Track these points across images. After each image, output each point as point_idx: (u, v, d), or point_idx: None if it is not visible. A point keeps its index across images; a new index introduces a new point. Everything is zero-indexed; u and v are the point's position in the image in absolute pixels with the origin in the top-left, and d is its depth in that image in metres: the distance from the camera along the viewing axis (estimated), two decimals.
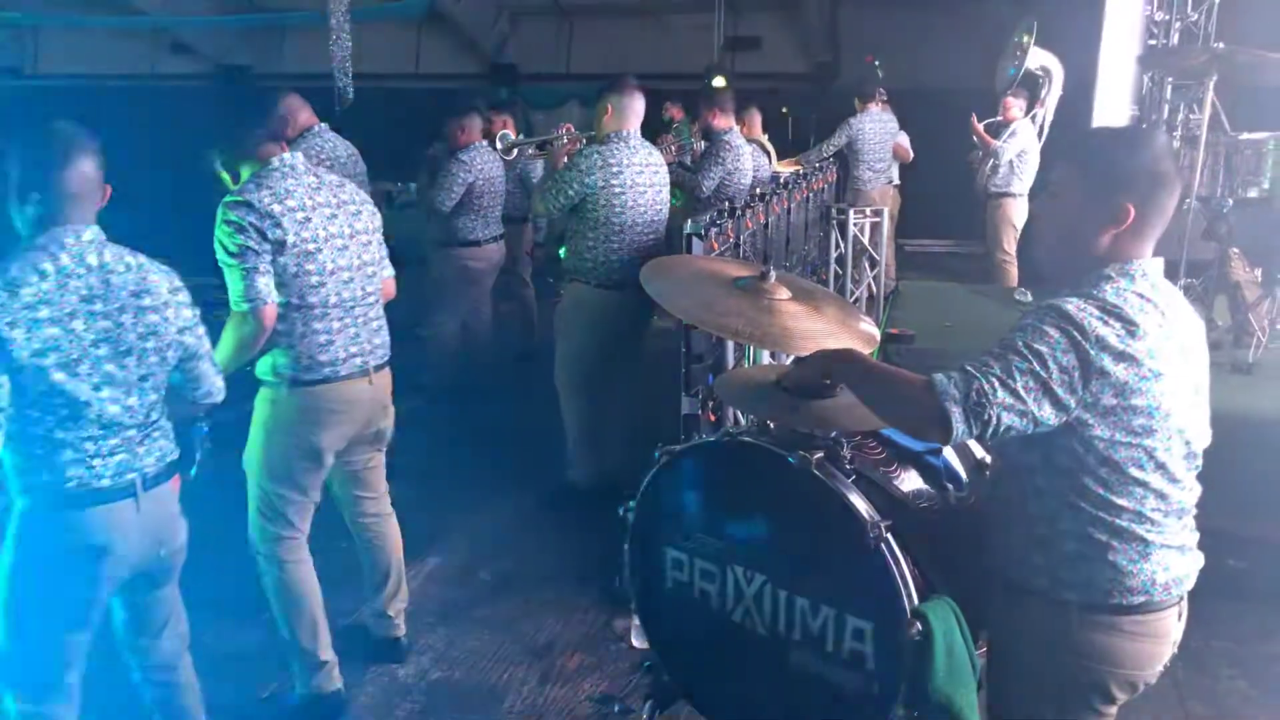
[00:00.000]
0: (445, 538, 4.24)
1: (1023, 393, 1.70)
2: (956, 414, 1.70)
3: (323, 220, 2.81)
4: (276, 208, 2.71)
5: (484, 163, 5.65)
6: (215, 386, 2.50)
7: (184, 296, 2.37)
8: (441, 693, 3.21)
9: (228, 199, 2.72)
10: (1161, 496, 1.80)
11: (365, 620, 3.39)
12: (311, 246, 2.77)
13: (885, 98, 8.18)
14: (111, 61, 14.67)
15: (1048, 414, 1.72)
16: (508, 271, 6.42)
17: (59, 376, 2.11)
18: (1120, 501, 1.78)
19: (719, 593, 2.41)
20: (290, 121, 4.56)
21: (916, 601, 2.06)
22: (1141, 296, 1.77)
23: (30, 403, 2.11)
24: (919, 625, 2.02)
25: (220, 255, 2.70)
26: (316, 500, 3.04)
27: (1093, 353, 1.70)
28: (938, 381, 1.74)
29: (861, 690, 2.17)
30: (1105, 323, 1.72)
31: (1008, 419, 1.70)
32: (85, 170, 2.21)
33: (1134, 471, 1.77)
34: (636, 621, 3.05)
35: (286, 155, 2.83)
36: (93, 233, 2.22)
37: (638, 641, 3.23)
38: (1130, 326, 1.72)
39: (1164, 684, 2.01)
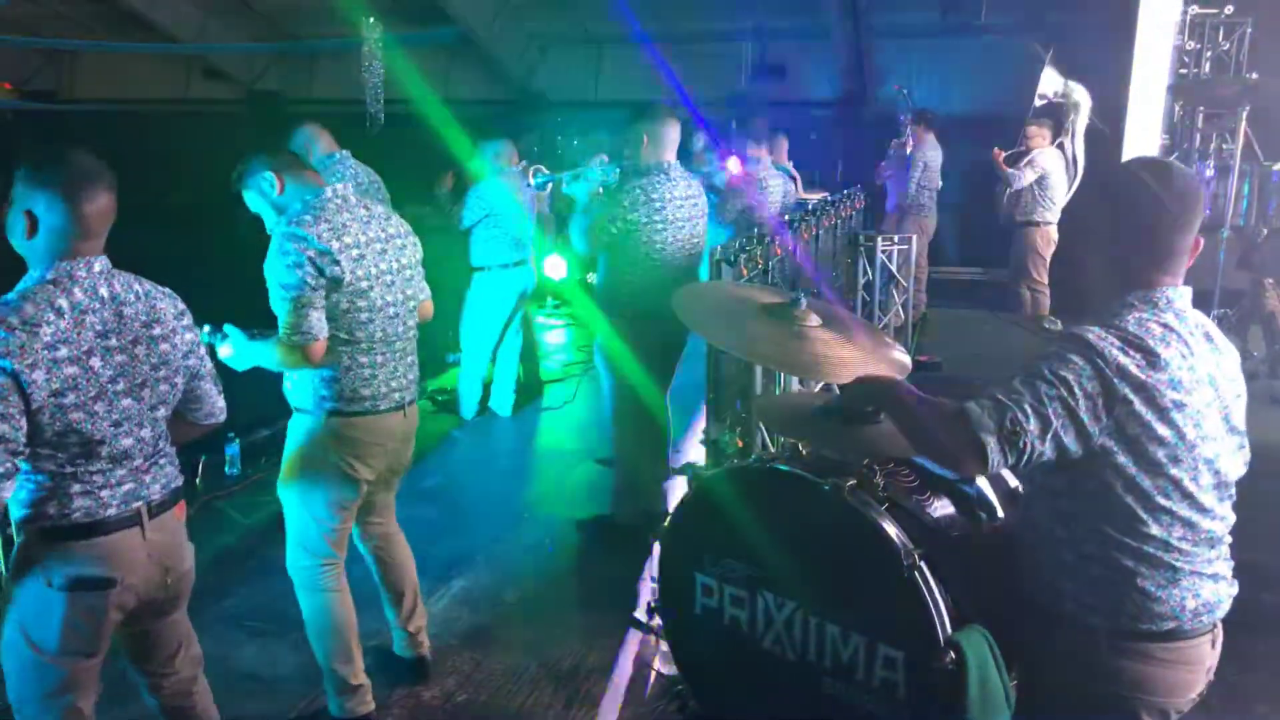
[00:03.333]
0: (471, 560, 4.24)
1: (1053, 419, 1.70)
2: (992, 444, 1.71)
3: (375, 257, 2.80)
4: (335, 244, 2.69)
5: (509, 189, 5.69)
6: (217, 407, 2.47)
7: (188, 320, 2.34)
8: (466, 716, 3.20)
9: (285, 230, 2.68)
10: (1189, 525, 1.79)
11: (388, 641, 3.39)
12: (364, 284, 2.77)
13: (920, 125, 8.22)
14: (144, 86, 14.93)
15: (1072, 440, 1.72)
16: None
17: (76, 415, 2.06)
18: (1147, 530, 1.78)
19: (749, 619, 2.41)
20: (309, 149, 4.61)
21: (950, 630, 2.05)
22: (1165, 326, 1.78)
23: (44, 442, 2.05)
24: (952, 654, 2.01)
25: (273, 285, 2.68)
26: (351, 526, 3.06)
27: (1115, 381, 1.71)
28: (971, 411, 1.74)
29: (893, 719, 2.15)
30: (1126, 353, 1.73)
31: (1040, 446, 1.71)
32: (106, 203, 2.15)
33: (1161, 500, 1.77)
34: (664, 647, 3.04)
35: (339, 186, 2.82)
36: (102, 263, 2.16)
37: (665, 668, 3.21)
38: (1151, 357, 1.73)
39: (1198, 718, 1.98)
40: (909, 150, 8.01)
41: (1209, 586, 1.84)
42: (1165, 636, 1.82)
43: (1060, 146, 7.72)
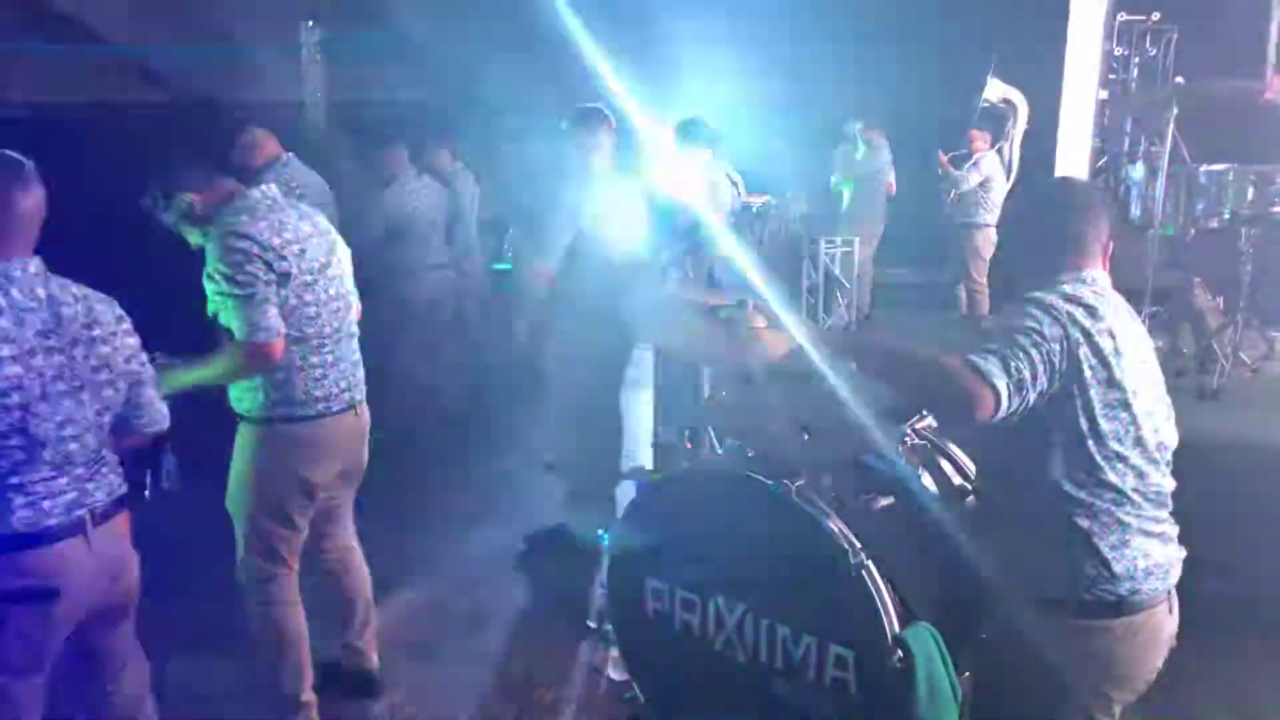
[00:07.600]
0: (418, 571, 4.18)
1: (1037, 363, 1.83)
2: (1003, 387, 1.80)
3: (314, 250, 2.77)
4: (276, 240, 2.65)
5: (410, 193, 5.54)
6: (160, 414, 2.42)
7: (128, 324, 2.29)
8: None
9: (226, 230, 2.61)
10: (1140, 475, 1.91)
11: (336, 654, 3.34)
12: (309, 278, 2.73)
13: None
14: (76, 89, 14.54)
15: (1045, 381, 1.84)
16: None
17: (19, 415, 2.02)
18: (1104, 476, 1.88)
19: (700, 622, 2.41)
20: (255, 153, 4.53)
21: (897, 628, 2.07)
22: (1095, 293, 1.95)
23: None
24: (900, 653, 2.03)
25: (223, 287, 2.59)
26: (304, 534, 3.00)
27: (1068, 326, 1.86)
28: (977, 361, 1.82)
29: (844, 718, 2.17)
30: (1069, 303, 1.90)
31: (1032, 391, 1.83)
32: (35, 200, 2.12)
33: (1115, 446, 1.88)
34: (615, 653, 3.03)
35: (267, 188, 2.77)
36: (37, 264, 2.13)
37: (616, 673, 3.20)
38: (1090, 309, 1.90)
39: (1128, 707, 2.03)
40: (861, 156, 8.12)
41: (1158, 547, 1.94)
42: (1123, 609, 1.90)
43: (999, 151, 7.87)
